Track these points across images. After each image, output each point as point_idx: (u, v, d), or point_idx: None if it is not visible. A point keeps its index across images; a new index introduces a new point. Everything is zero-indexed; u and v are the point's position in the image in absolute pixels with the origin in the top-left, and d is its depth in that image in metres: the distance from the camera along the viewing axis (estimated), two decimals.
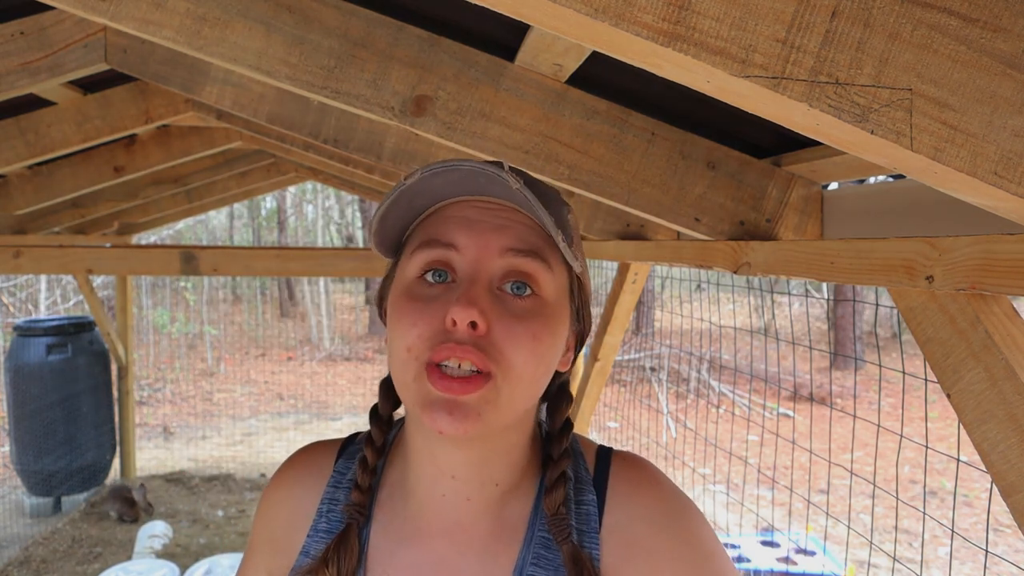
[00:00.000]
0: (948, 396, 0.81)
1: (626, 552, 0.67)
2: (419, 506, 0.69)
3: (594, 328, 2.79)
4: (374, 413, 0.74)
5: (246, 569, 0.78)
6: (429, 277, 0.62)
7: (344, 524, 0.69)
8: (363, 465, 0.71)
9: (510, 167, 0.62)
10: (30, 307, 11.37)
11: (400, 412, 0.75)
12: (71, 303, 11.70)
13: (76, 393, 5.07)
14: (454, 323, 0.58)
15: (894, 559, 1.94)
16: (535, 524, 0.68)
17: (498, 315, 0.60)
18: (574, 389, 2.95)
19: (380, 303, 0.72)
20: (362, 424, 8.50)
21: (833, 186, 1.21)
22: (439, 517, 0.68)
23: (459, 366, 0.58)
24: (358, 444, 0.77)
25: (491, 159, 0.67)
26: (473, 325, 0.58)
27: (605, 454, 0.74)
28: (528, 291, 0.62)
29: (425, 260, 0.63)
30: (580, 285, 0.69)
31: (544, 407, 0.74)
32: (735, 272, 1.20)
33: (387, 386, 0.74)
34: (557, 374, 0.71)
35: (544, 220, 0.60)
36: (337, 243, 18.72)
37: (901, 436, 1.79)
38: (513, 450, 0.68)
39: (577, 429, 2.85)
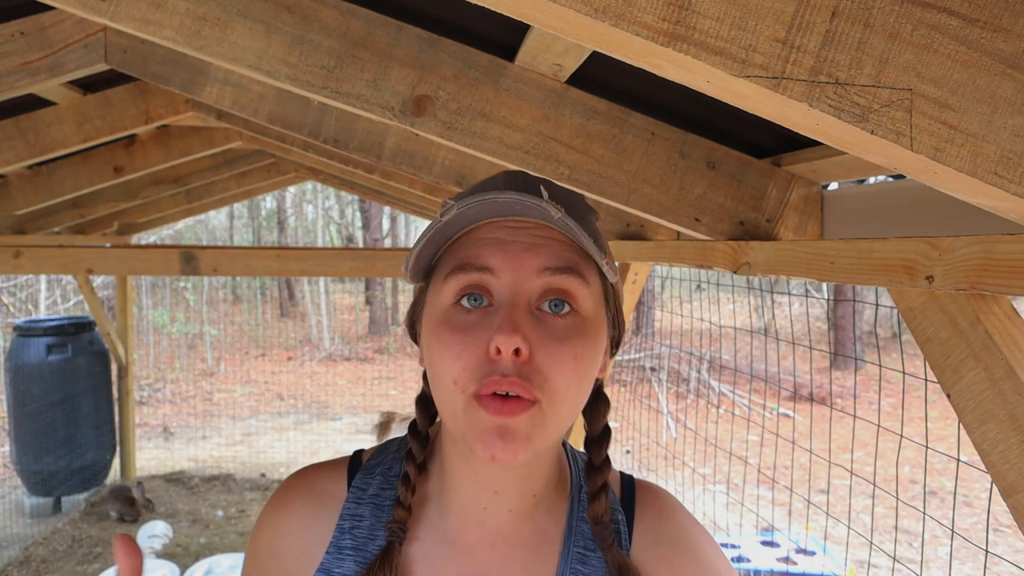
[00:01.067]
0: (948, 396, 0.81)
1: (652, 571, 0.69)
2: (459, 519, 0.69)
3: None
4: (413, 429, 0.73)
5: None
6: (465, 302, 0.62)
7: (386, 541, 0.68)
8: (406, 482, 0.70)
9: (547, 191, 0.61)
10: (30, 307, 11.37)
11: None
12: (71, 303, 11.71)
13: (76, 393, 5.07)
14: (498, 351, 0.58)
15: (894, 559, 1.94)
16: (570, 539, 0.69)
17: (539, 338, 0.59)
18: None
19: (411, 327, 0.71)
20: (361, 424, 8.50)
21: (833, 186, 1.21)
22: (481, 528, 0.68)
23: (507, 392, 0.58)
24: (378, 458, 0.76)
25: (536, 175, 0.66)
26: (517, 352, 0.58)
27: (629, 480, 0.76)
28: (567, 308, 0.62)
29: (460, 285, 0.62)
30: (614, 292, 0.68)
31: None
32: (735, 272, 1.20)
33: (424, 402, 0.73)
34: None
35: (587, 245, 0.61)
36: (337, 243, 18.72)
37: (901, 436, 1.79)
38: (549, 462, 0.70)
39: (577, 429, 2.85)
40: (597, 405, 0.72)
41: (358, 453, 0.77)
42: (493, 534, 0.68)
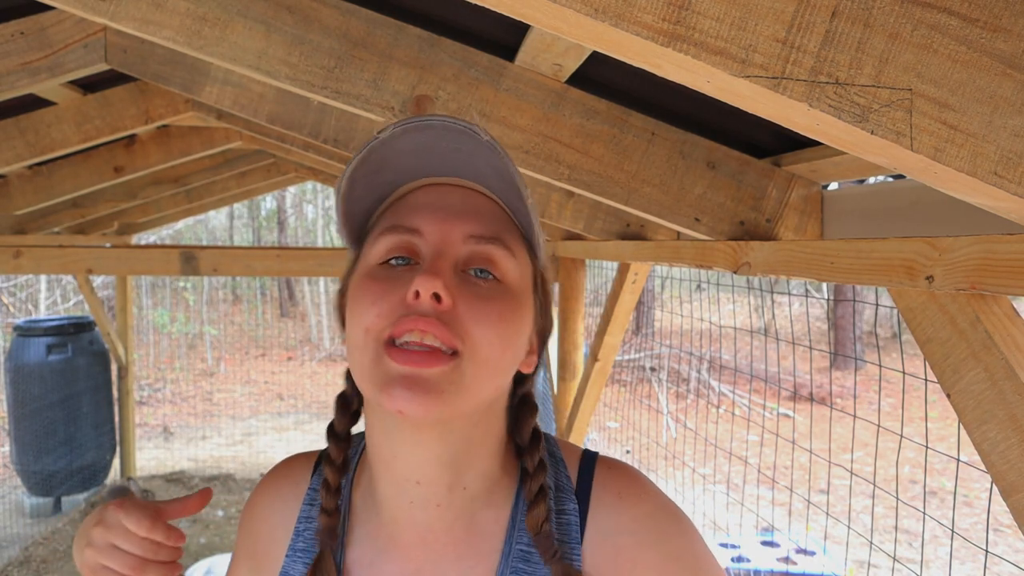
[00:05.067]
0: (948, 396, 0.81)
1: (610, 565, 0.64)
2: (391, 516, 0.66)
3: (594, 328, 2.79)
4: (331, 431, 0.71)
5: None
6: (392, 262, 0.61)
7: (319, 549, 0.67)
8: (326, 488, 0.68)
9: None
10: (30, 307, 11.37)
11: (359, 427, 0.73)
12: (71, 303, 11.70)
13: (76, 393, 5.07)
14: (417, 295, 0.56)
15: (894, 559, 1.94)
16: (512, 536, 0.65)
17: (463, 294, 0.58)
18: (574, 389, 2.95)
19: (340, 307, 0.68)
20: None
21: (833, 186, 1.21)
22: (412, 525, 0.65)
23: (422, 340, 0.56)
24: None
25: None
26: (437, 298, 0.56)
27: (589, 460, 0.70)
28: (492, 276, 0.61)
29: (389, 245, 0.61)
30: (543, 280, 0.68)
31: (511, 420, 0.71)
32: (735, 272, 1.20)
33: (343, 401, 0.72)
34: (521, 381, 0.69)
35: (517, 180, 0.60)
36: (337, 243, 18.71)
37: (901, 436, 1.79)
38: (478, 451, 0.65)
39: (577, 429, 2.85)
40: (523, 410, 0.69)
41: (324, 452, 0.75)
42: (425, 531, 0.65)
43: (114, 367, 5.53)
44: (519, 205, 0.63)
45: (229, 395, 10.04)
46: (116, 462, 5.66)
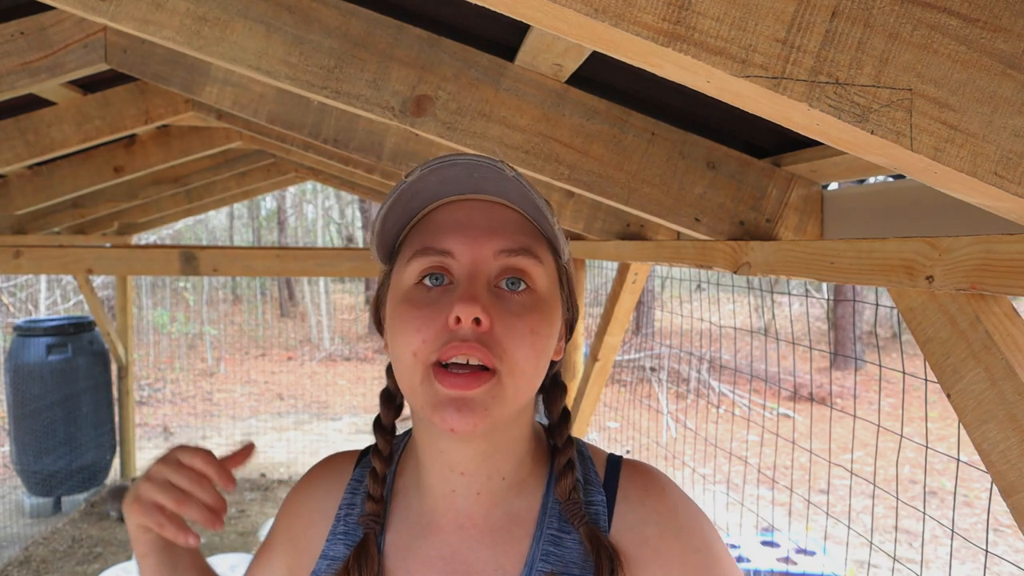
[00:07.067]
0: (948, 396, 0.81)
1: (636, 552, 0.68)
2: (432, 503, 0.71)
3: (594, 328, 2.79)
4: (377, 424, 0.76)
5: (259, 562, 0.82)
6: (427, 282, 0.65)
7: (362, 534, 0.72)
8: (373, 476, 0.73)
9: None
10: (30, 307, 11.38)
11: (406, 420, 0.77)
12: (71, 303, 11.71)
13: (76, 393, 5.06)
14: (458, 320, 0.60)
15: (894, 559, 1.94)
16: (544, 521, 0.70)
17: (498, 312, 0.62)
18: (574, 389, 2.95)
19: (376, 311, 0.74)
20: (362, 424, 8.50)
21: (833, 186, 1.21)
22: (451, 511, 0.70)
23: (467, 362, 0.61)
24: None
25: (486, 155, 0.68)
26: (477, 321, 0.60)
27: (615, 461, 0.76)
28: (523, 285, 0.65)
29: (422, 267, 0.65)
30: (567, 274, 0.72)
31: (541, 400, 0.76)
32: (735, 272, 1.20)
33: (387, 396, 0.76)
34: (550, 364, 0.73)
35: (539, 203, 0.64)
36: (337, 243, 18.71)
37: (901, 436, 1.79)
38: (515, 444, 0.70)
39: (577, 429, 2.85)
40: (554, 390, 0.75)
41: (371, 447, 0.80)
42: (464, 517, 0.70)
43: (114, 367, 5.53)
44: (538, 215, 0.67)
45: (229, 395, 10.04)
46: (116, 462, 5.66)
